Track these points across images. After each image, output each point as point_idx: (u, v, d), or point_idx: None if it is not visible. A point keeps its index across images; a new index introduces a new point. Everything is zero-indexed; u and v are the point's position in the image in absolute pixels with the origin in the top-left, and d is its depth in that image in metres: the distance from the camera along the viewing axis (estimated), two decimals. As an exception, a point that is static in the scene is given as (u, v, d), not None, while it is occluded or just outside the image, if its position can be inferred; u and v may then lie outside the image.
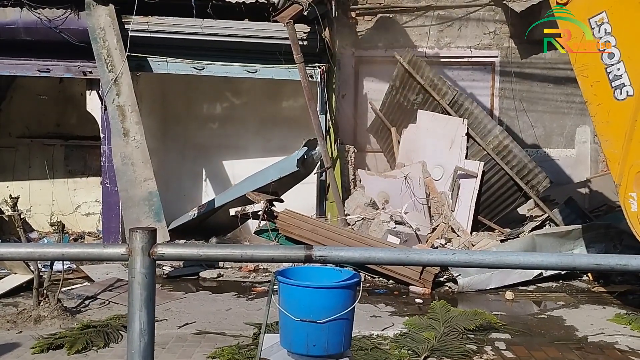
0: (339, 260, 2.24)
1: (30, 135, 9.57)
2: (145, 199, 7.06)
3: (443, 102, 8.20)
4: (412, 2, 9.30)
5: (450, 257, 2.20)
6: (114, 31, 7.38)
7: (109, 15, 7.40)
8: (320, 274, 3.50)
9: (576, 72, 5.18)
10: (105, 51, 7.35)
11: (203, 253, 2.24)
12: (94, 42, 7.35)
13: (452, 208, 7.93)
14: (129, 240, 2.15)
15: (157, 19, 7.65)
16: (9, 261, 5.75)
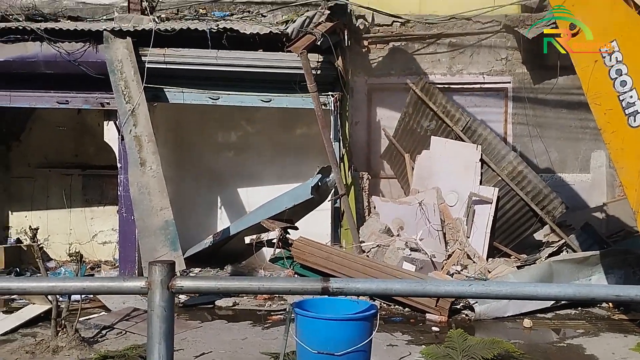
0: (356, 292, 2.26)
1: (49, 165, 9.73)
2: (161, 228, 7.12)
3: (456, 129, 8.24)
4: (423, 30, 9.40)
5: (467, 288, 2.20)
6: (131, 63, 7.53)
7: (126, 47, 7.56)
8: (336, 304, 3.50)
9: (589, 100, 5.19)
10: (123, 83, 7.49)
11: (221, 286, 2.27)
12: (112, 74, 7.50)
13: (467, 234, 7.90)
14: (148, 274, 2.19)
15: (173, 51, 7.80)
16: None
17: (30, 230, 5.20)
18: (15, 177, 9.77)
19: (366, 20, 9.42)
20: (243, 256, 8.53)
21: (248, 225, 8.18)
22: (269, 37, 7.68)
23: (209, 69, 7.90)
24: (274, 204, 8.12)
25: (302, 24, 7.76)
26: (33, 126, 9.76)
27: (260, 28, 7.70)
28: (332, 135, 8.11)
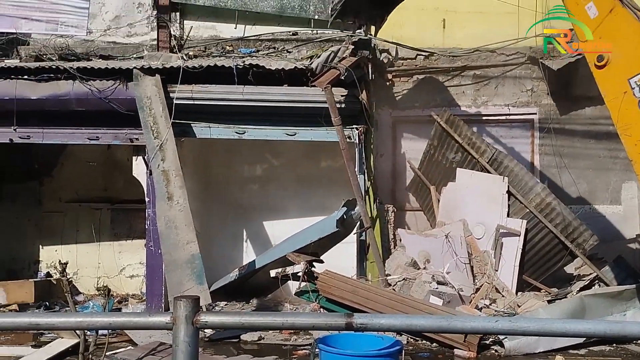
0: (379, 328, 2.24)
1: (79, 199, 9.91)
2: (187, 262, 7.17)
3: (482, 160, 8.19)
4: (447, 62, 9.45)
5: (493, 324, 2.17)
6: (160, 100, 7.70)
7: (155, 85, 7.74)
8: (361, 340, 3.47)
9: (619, 131, 5.13)
10: (152, 119, 7.66)
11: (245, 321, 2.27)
12: (141, 110, 7.68)
13: (495, 267, 7.78)
14: (173, 309, 2.21)
15: (201, 87, 7.96)
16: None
17: (59, 265, 5.28)
18: (47, 211, 9.97)
19: (390, 54, 9.52)
20: (269, 289, 8.51)
21: (273, 259, 8.17)
22: (294, 72, 7.80)
23: (235, 104, 8.04)
24: (300, 237, 8.12)
25: (326, 58, 7.87)
26: (65, 162, 9.99)
27: (285, 64, 7.83)
28: (357, 168, 8.12)
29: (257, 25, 9.62)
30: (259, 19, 9.58)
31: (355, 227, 8.21)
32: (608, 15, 4.93)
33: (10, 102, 7.81)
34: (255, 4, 9.48)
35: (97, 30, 9.67)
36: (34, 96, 7.82)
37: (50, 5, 8.38)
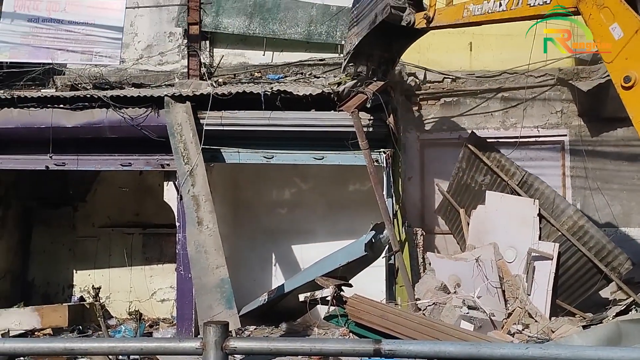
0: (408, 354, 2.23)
1: (111, 224, 10.12)
2: (217, 286, 7.22)
3: (512, 183, 8.11)
4: (475, 85, 9.44)
5: (524, 351, 2.15)
6: (190, 126, 7.85)
7: (185, 112, 7.91)
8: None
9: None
10: (182, 145, 7.80)
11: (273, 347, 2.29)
12: (172, 137, 7.84)
13: (527, 292, 7.63)
14: (203, 334, 2.25)
15: (229, 113, 8.09)
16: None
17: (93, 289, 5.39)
18: (80, 236, 10.19)
19: (417, 78, 9.55)
20: (298, 314, 8.50)
21: (302, 283, 8.17)
22: (321, 97, 7.89)
23: (263, 129, 8.15)
24: (328, 261, 8.11)
25: (354, 84, 7.94)
26: (98, 187, 10.23)
27: (312, 89, 7.93)
28: (385, 192, 8.12)
29: (285, 52, 9.81)
30: (287, 45, 9.77)
31: (383, 251, 8.18)
32: (634, 36, 4.89)
33: (47, 130, 8.05)
34: (283, 31, 9.66)
35: (130, 59, 9.98)
36: (69, 124, 8.06)
37: (85, 37, 8.66)
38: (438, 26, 6.92)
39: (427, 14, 6.85)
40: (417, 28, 7.05)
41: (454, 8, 6.67)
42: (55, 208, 10.35)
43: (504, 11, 6.06)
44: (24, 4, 8.78)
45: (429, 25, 6.90)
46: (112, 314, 9.49)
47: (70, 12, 8.69)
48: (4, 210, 10.02)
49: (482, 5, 6.27)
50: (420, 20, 6.98)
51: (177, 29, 10.06)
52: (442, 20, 6.81)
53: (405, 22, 7.04)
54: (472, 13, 6.40)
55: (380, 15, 7.00)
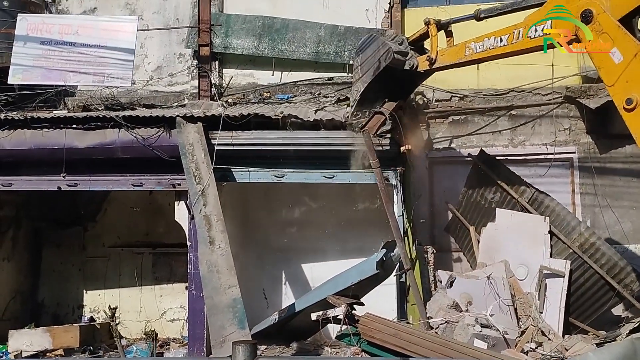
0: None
1: (121, 244, 10.15)
2: (229, 306, 7.21)
3: (522, 200, 8.12)
4: (483, 103, 9.49)
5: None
6: (202, 146, 7.90)
7: (197, 132, 7.96)
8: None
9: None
10: (194, 165, 7.84)
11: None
12: (184, 157, 7.89)
13: (540, 309, 7.61)
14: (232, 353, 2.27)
15: (240, 133, 8.13)
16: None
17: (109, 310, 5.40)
18: (90, 256, 10.23)
19: (425, 97, 9.62)
20: (309, 333, 8.47)
21: (313, 302, 8.15)
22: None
23: (274, 149, 8.19)
24: (339, 279, 8.10)
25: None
26: (108, 207, 10.28)
27: (323, 114, 7.95)
28: (396, 210, 8.13)
29: (294, 72, 9.89)
30: (295, 65, 9.86)
31: (394, 269, 8.16)
32: (633, 60, 4.96)
33: (59, 151, 8.12)
34: (291, 51, 9.76)
35: (140, 80, 10.08)
36: (82, 145, 8.12)
37: (97, 59, 8.76)
38: (441, 67, 7.01)
39: (429, 56, 6.95)
40: (421, 71, 7.11)
41: (456, 48, 6.77)
42: (65, 228, 10.40)
43: (506, 46, 6.16)
44: (37, 27, 8.90)
45: (432, 67, 6.99)
46: (122, 334, 9.47)
47: (82, 35, 8.81)
48: (14, 230, 10.07)
49: (483, 42, 6.36)
50: (423, 62, 7.08)
51: (187, 50, 10.16)
52: (444, 60, 6.90)
53: (408, 66, 7.13)
54: (474, 51, 6.49)
55: (383, 61, 7.04)
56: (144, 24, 9.96)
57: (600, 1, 5.21)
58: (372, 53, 7.32)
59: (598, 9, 5.20)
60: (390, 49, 7.02)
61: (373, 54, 7.29)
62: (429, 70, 7.15)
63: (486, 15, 6.65)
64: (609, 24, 5.13)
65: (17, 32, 8.92)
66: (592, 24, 5.23)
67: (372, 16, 9.84)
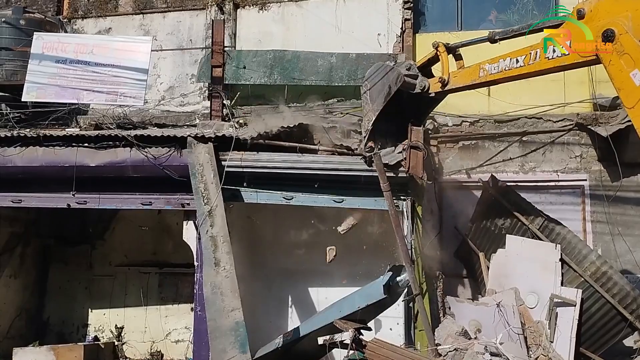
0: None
1: (128, 263, 10.14)
2: (231, 329, 7.14)
3: (532, 227, 8.05)
4: (493, 128, 9.48)
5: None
6: (211, 167, 7.90)
7: (207, 152, 7.97)
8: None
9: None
10: (203, 185, 7.84)
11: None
12: (193, 177, 7.89)
13: (550, 339, 7.48)
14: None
15: (250, 155, 8.12)
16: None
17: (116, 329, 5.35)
18: (97, 275, 10.21)
19: (435, 121, 9.62)
20: (315, 357, 8.35)
21: (319, 326, 8.06)
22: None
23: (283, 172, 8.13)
24: (345, 303, 8.00)
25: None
26: (116, 226, 10.29)
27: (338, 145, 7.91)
28: (406, 235, 8.05)
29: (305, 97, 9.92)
30: (307, 90, 9.88)
31: (402, 295, 8.06)
32: (654, 82, 4.94)
33: (70, 169, 8.15)
34: (303, 78, 9.78)
35: (153, 100, 10.16)
36: (93, 163, 8.14)
37: (111, 78, 8.85)
38: (454, 89, 6.93)
39: (442, 77, 6.89)
40: (433, 94, 7.08)
41: (470, 69, 6.72)
42: (73, 246, 10.42)
43: (522, 67, 6.10)
44: (52, 46, 9.02)
45: (444, 88, 6.91)
46: (126, 354, 9.41)
47: (97, 54, 8.91)
48: (22, 247, 10.09)
49: (499, 63, 6.31)
50: (435, 84, 7.01)
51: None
52: (458, 82, 6.83)
53: (419, 88, 7.08)
54: (489, 72, 6.44)
55: (394, 85, 6.99)
56: (158, 45, 10.09)
57: (622, 21, 5.20)
58: (381, 79, 7.25)
59: (620, 29, 5.18)
60: (399, 72, 7.00)
61: (382, 81, 7.24)
62: (442, 93, 7.12)
63: (501, 37, 6.63)
64: (631, 45, 5.11)
65: (33, 50, 9.04)
66: (614, 44, 5.20)
67: (384, 41, 9.92)
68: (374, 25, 9.99)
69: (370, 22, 10.01)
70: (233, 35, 10.26)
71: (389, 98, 7.11)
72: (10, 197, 8.55)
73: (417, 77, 7.17)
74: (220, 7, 10.32)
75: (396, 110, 7.36)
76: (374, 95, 7.31)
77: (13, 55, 10.05)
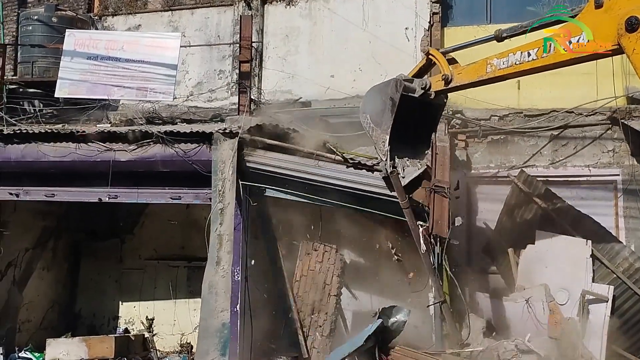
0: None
1: (157, 257, 10.27)
2: (217, 330, 7.28)
3: (563, 222, 7.93)
4: (523, 123, 9.34)
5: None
6: (232, 165, 7.83)
7: (231, 149, 7.88)
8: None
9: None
10: (221, 183, 7.84)
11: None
12: (214, 174, 7.88)
13: (581, 336, 7.38)
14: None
15: (273, 155, 7.98)
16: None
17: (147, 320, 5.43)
18: (127, 268, 10.37)
19: (463, 115, 9.52)
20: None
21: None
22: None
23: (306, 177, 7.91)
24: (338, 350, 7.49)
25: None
26: (145, 220, 10.42)
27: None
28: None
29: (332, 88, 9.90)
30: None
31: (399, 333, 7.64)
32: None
33: (101, 163, 8.27)
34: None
35: (181, 95, 10.25)
36: (124, 158, 8.23)
37: (141, 74, 8.97)
38: (459, 86, 6.57)
39: (444, 74, 6.56)
40: (433, 94, 6.74)
41: (476, 65, 6.36)
42: (104, 240, 10.59)
43: (535, 60, 5.74)
44: (84, 42, 9.17)
45: (447, 86, 6.57)
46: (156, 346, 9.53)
47: (127, 51, 9.04)
48: (54, 241, 10.29)
49: (508, 57, 5.95)
50: (438, 82, 6.70)
51: (227, 66, 10.33)
52: (462, 79, 6.48)
53: (421, 87, 6.76)
54: (497, 67, 6.06)
55: (396, 94, 6.68)
56: (186, 41, 10.16)
57: None
58: (379, 98, 6.95)
59: None
60: (397, 79, 6.77)
61: (380, 99, 6.91)
62: (445, 91, 6.82)
63: (509, 34, 6.35)
64: None
65: (65, 47, 9.20)
66: (638, 32, 5.04)
67: (412, 35, 9.84)
68: (401, 19, 9.91)
69: (398, 17, 9.93)
70: (260, 31, 10.28)
71: (395, 109, 6.71)
72: (43, 191, 8.72)
73: (412, 82, 6.95)
74: (248, 3, 10.35)
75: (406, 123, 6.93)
76: (377, 118, 6.92)
77: (46, 52, 10.24)
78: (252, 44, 8.94)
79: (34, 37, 10.45)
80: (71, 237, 10.57)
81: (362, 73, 9.93)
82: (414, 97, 6.92)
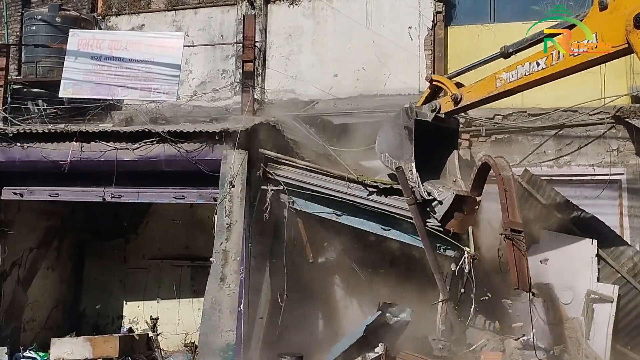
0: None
1: (161, 257, 10.28)
2: (221, 350, 7.22)
3: (568, 222, 7.90)
4: (527, 122, 9.32)
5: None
6: (241, 180, 7.80)
7: (240, 164, 7.83)
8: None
9: None
10: (229, 197, 7.80)
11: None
12: (221, 187, 7.83)
13: (586, 335, 7.36)
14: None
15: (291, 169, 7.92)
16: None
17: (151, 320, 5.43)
18: (131, 268, 10.38)
19: (467, 114, 9.49)
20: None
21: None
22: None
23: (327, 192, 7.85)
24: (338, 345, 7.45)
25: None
26: (149, 220, 10.42)
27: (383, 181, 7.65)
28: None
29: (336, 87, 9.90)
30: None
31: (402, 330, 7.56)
32: None
33: (105, 163, 8.26)
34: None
35: (184, 95, 10.25)
36: (127, 158, 8.22)
37: (144, 74, 8.96)
38: (469, 105, 6.59)
39: (454, 94, 6.61)
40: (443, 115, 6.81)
41: (484, 81, 6.39)
42: (108, 240, 10.59)
43: (544, 69, 5.77)
44: (87, 42, 9.17)
45: (457, 105, 6.60)
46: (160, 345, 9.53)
47: (131, 51, 9.03)
48: (59, 241, 10.30)
49: (517, 70, 5.99)
50: (447, 103, 6.75)
51: (230, 66, 10.33)
52: (472, 97, 6.50)
53: (431, 110, 6.86)
54: (507, 81, 6.09)
55: (410, 120, 6.78)
56: (190, 41, 10.17)
57: None
58: (393, 133, 7.06)
59: None
60: (407, 107, 6.84)
61: (394, 132, 7.04)
62: (456, 111, 6.86)
63: (515, 49, 6.38)
64: None
65: (69, 47, 9.19)
66: None
67: (415, 34, 9.83)
68: (404, 18, 9.90)
69: (401, 16, 9.93)
70: (264, 30, 10.29)
71: (413, 135, 6.83)
72: (47, 191, 8.73)
73: (421, 109, 7.01)
74: (251, 2, 10.36)
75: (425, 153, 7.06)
76: (396, 152, 7.03)
77: (49, 52, 10.26)
78: (256, 43, 8.90)
79: (37, 37, 10.47)
80: (76, 237, 10.58)
81: (365, 72, 9.94)
82: (427, 123, 6.97)
